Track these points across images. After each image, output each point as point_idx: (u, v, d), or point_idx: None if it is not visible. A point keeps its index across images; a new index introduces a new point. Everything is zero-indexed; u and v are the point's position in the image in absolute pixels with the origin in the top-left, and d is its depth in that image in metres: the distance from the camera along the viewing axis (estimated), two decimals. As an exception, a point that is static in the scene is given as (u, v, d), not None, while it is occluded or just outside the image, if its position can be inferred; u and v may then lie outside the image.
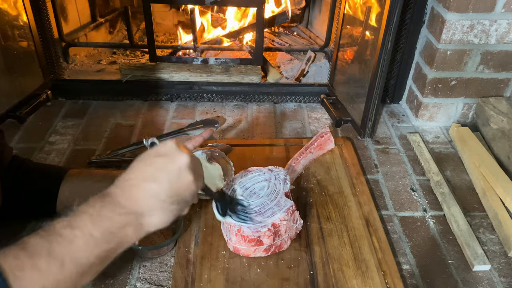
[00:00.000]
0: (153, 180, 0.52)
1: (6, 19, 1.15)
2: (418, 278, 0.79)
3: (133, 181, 0.52)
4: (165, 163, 0.53)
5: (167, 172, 0.52)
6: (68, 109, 1.28)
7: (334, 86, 1.35)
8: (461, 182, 1.04)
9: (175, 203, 0.54)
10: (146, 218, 0.52)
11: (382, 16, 1.00)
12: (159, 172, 0.52)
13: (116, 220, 0.49)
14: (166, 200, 0.52)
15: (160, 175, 0.52)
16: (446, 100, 1.22)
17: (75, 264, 0.45)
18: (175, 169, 0.53)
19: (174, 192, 0.53)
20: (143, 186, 0.51)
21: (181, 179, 0.53)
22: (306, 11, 1.83)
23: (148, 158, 0.54)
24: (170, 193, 0.53)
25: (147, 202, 0.51)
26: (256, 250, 0.77)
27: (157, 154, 0.54)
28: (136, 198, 0.51)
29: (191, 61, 1.38)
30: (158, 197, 0.52)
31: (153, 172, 0.52)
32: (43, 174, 0.84)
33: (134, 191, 0.51)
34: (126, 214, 0.50)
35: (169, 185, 0.52)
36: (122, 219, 0.50)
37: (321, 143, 1.05)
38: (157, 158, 0.53)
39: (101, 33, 1.70)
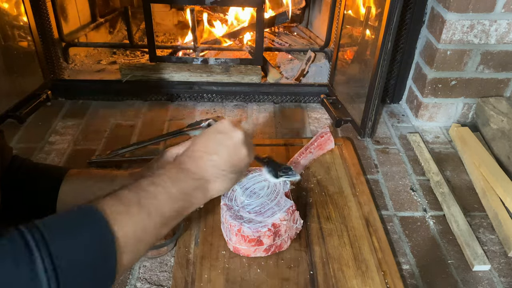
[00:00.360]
0: (215, 153, 0.60)
1: (6, 19, 1.15)
2: (418, 278, 0.79)
3: (199, 152, 0.61)
4: (224, 139, 0.61)
5: (226, 146, 0.61)
6: (68, 109, 1.28)
7: (334, 86, 1.35)
8: (461, 182, 1.04)
9: (233, 172, 0.62)
10: (211, 184, 0.61)
11: (382, 16, 1.00)
12: (219, 146, 0.61)
13: (189, 183, 0.58)
14: (226, 170, 0.61)
15: (221, 148, 0.61)
16: (446, 100, 1.22)
17: (159, 214, 0.53)
18: (232, 144, 0.61)
19: (232, 163, 0.61)
20: (207, 158, 0.60)
21: (237, 152, 0.62)
22: (306, 11, 1.83)
23: (209, 134, 0.63)
24: (229, 164, 0.61)
25: (211, 170, 0.60)
26: (256, 250, 0.77)
27: (217, 131, 0.63)
28: (203, 167, 0.60)
29: (191, 61, 1.38)
30: (219, 167, 0.60)
31: (215, 146, 0.61)
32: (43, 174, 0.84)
33: (201, 161, 0.60)
34: (196, 179, 0.59)
35: (228, 157, 0.61)
36: (194, 182, 0.59)
37: (321, 143, 1.05)
38: (217, 135, 0.62)
39: (101, 33, 1.70)
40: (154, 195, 0.54)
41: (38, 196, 0.81)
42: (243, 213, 0.78)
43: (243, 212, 0.78)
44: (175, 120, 1.24)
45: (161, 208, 0.54)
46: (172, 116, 1.26)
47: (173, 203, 0.55)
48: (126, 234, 0.48)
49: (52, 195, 0.81)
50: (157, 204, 0.53)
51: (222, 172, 0.61)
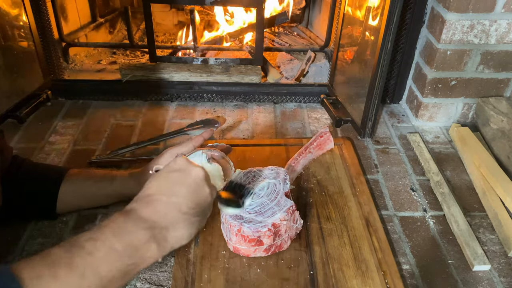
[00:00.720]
0: (173, 194, 0.53)
1: (6, 19, 1.15)
2: (418, 278, 0.79)
3: (154, 196, 0.53)
4: (181, 178, 0.54)
5: (185, 186, 0.54)
6: (68, 109, 1.28)
7: (334, 86, 1.35)
8: (461, 182, 1.04)
9: (196, 214, 0.54)
10: (171, 231, 0.52)
11: (382, 16, 1.00)
12: (177, 186, 0.53)
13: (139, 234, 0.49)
14: (188, 212, 0.53)
15: (179, 189, 0.53)
16: (446, 100, 1.22)
17: (95, 276, 0.44)
18: (192, 182, 0.55)
19: (194, 204, 0.54)
20: (164, 200, 0.52)
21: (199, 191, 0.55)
22: (306, 11, 1.83)
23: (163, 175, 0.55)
24: (191, 205, 0.53)
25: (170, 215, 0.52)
26: (256, 250, 0.77)
27: (171, 170, 0.55)
28: (160, 212, 0.51)
29: (191, 61, 1.38)
30: (180, 210, 0.52)
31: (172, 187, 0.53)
32: (43, 174, 0.84)
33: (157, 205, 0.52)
34: (149, 228, 0.50)
35: (189, 197, 0.54)
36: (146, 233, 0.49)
37: (320, 143, 1.05)
38: (173, 174, 0.55)
39: (101, 33, 1.70)
40: (91, 252, 0.45)
41: (38, 196, 0.81)
42: (243, 213, 0.78)
43: (243, 212, 0.78)
44: (175, 120, 1.24)
45: (99, 268, 0.45)
46: (172, 116, 1.26)
47: (115, 261, 0.46)
48: None
49: (52, 195, 0.81)
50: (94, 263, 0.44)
51: (183, 216, 0.52)
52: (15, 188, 0.79)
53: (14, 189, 0.79)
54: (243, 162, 1.02)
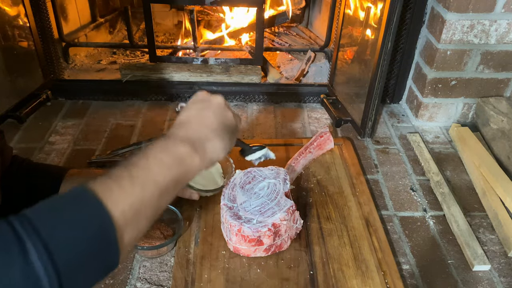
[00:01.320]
0: (202, 116, 0.60)
1: (6, 19, 1.15)
2: (418, 278, 0.79)
3: (186, 119, 0.61)
4: (206, 104, 0.62)
5: (210, 110, 0.61)
6: (68, 109, 1.28)
7: (334, 86, 1.35)
8: (461, 182, 1.04)
9: (226, 131, 0.61)
10: (207, 143, 0.58)
11: (382, 16, 1.00)
12: (204, 110, 0.61)
13: (180, 147, 0.56)
14: (217, 128, 0.60)
15: (206, 112, 0.61)
16: (446, 100, 1.22)
17: (154, 185, 0.51)
18: (216, 107, 0.62)
19: (222, 122, 0.61)
20: (196, 121, 0.60)
21: (223, 113, 0.62)
22: (306, 11, 1.83)
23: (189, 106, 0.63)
24: (219, 122, 0.61)
25: (203, 131, 0.59)
26: (256, 250, 0.77)
27: (196, 100, 0.63)
28: (193, 130, 0.59)
29: (191, 61, 1.38)
30: (211, 126, 0.60)
31: (199, 112, 0.61)
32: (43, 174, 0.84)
33: (190, 126, 0.60)
34: (189, 142, 0.57)
35: (215, 118, 0.61)
36: (186, 146, 0.56)
37: (320, 143, 1.05)
38: (198, 103, 0.62)
39: (101, 33, 1.70)
40: (146, 166, 0.52)
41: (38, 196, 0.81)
42: (243, 213, 0.78)
43: (243, 212, 0.78)
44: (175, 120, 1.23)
45: (156, 178, 0.52)
46: (172, 116, 1.26)
47: (167, 171, 0.53)
48: (122, 209, 0.46)
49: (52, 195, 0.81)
50: (150, 174, 0.51)
51: (214, 132, 0.60)
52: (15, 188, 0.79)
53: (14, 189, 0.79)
54: (243, 162, 1.02)
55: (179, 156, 0.55)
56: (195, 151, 0.57)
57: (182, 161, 0.55)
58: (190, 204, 0.90)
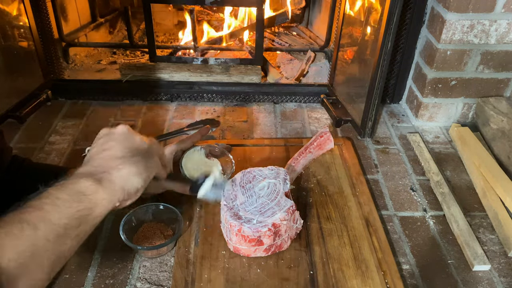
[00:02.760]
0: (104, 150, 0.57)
1: (6, 19, 1.15)
2: (418, 278, 0.79)
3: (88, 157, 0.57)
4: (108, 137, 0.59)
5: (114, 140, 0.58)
6: (68, 109, 1.28)
7: (334, 86, 1.35)
8: (461, 182, 1.04)
9: (135, 155, 0.57)
10: (113, 172, 0.54)
11: (382, 16, 1.00)
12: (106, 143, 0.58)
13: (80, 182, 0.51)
14: (125, 155, 0.56)
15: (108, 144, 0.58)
16: (446, 100, 1.22)
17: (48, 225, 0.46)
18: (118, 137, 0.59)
19: (127, 149, 0.57)
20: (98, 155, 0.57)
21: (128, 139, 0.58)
22: (306, 11, 1.83)
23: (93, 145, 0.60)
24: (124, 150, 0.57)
25: (106, 163, 0.55)
26: (256, 250, 0.77)
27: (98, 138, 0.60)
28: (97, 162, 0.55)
29: (191, 61, 1.38)
30: (114, 156, 0.56)
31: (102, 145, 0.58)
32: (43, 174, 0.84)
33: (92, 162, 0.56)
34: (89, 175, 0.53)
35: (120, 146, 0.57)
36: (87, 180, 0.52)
37: (320, 143, 1.05)
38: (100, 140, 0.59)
39: (101, 33, 1.70)
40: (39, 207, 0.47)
41: (38, 196, 0.81)
42: (243, 213, 0.78)
43: (243, 212, 0.78)
44: (175, 120, 1.24)
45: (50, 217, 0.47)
46: (172, 116, 1.26)
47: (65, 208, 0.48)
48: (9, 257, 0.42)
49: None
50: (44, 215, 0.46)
51: (121, 159, 0.56)
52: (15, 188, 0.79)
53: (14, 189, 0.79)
54: (243, 162, 1.02)
55: (78, 191, 0.50)
56: (97, 183, 0.52)
57: (81, 196, 0.50)
58: (190, 204, 0.90)
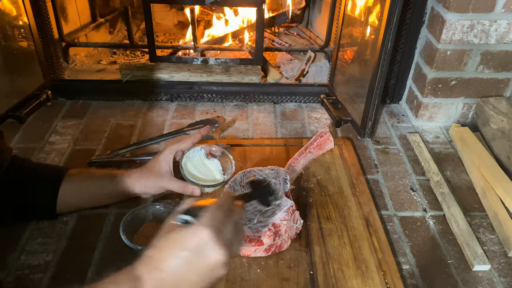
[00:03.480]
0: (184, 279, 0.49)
1: (6, 19, 1.15)
2: (418, 278, 0.79)
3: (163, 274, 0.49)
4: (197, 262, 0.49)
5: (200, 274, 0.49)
6: (68, 109, 1.28)
7: (334, 86, 1.35)
8: (461, 182, 1.04)
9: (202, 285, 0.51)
10: None
11: (382, 16, 1.00)
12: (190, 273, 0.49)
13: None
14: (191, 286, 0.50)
15: (192, 276, 0.49)
16: (446, 100, 1.22)
17: None
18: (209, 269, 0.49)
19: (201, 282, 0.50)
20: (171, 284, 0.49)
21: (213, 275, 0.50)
22: (306, 11, 1.83)
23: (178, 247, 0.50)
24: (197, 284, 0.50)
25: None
26: (256, 250, 0.77)
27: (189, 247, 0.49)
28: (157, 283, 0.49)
29: (191, 61, 1.38)
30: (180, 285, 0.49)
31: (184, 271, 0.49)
32: (43, 174, 0.84)
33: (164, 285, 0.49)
34: None
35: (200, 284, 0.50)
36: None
37: (320, 143, 1.05)
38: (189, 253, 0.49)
39: (101, 33, 1.70)
40: None
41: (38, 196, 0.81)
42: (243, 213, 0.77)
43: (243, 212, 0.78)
44: (175, 120, 1.24)
45: None
46: (172, 116, 1.26)
47: None
48: None
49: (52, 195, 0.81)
50: None
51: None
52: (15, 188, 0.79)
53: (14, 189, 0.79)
54: (243, 162, 1.02)
55: None
56: None
57: None
58: (190, 204, 0.90)
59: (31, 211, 0.83)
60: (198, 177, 0.88)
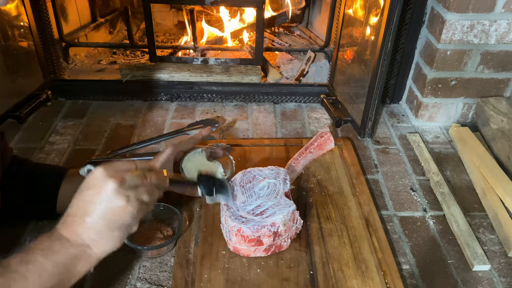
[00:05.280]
0: (86, 215, 0.55)
1: (6, 19, 1.15)
2: (418, 278, 0.79)
3: (72, 217, 0.56)
4: (93, 195, 0.55)
5: (97, 203, 0.55)
6: (68, 109, 1.28)
7: (334, 86, 1.35)
8: (461, 182, 1.04)
9: (114, 229, 0.57)
10: (93, 248, 0.56)
11: (382, 16, 1.00)
12: (90, 205, 0.55)
13: (65, 253, 0.54)
14: (103, 230, 0.56)
15: (91, 208, 0.55)
16: (446, 100, 1.22)
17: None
18: (104, 198, 0.55)
19: (109, 220, 0.56)
20: (79, 221, 0.55)
21: (112, 206, 0.55)
22: (306, 11, 1.83)
23: (81, 193, 0.57)
24: (105, 222, 0.56)
25: (88, 234, 0.55)
26: (256, 250, 0.77)
27: (87, 186, 0.57)
28: (78, 233, 0.55)
29: (191, 61, 1.38)
30: (95, 229, 0.55)
31: (85, 207, 0.55)
32: (43, 174, 0.84)
33: (75, 226, 0.56)
34: (73, 247, 0.55)
35: (101, 215, 0.55)
36: (71, 251, 0.54)
37: (321, 143, 1.05)
38: (87, 191, 0.56)
39: (101, 33, 1.70)
40: (25, 276, 0.50)
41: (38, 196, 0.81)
42: (243, 213, 0.78)
43: (243, 212, 0.78)
44: (175, 120, 1.24)
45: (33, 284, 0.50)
46: (172, 116, 1.26)
47: (47, 280, 0.51)
48: None
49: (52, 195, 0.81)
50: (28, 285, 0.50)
51: (100, 234, 0.56)
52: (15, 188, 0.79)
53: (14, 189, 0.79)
54: (243, 162, 1.02)
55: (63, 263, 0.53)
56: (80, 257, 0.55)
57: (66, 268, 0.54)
58: (190, 204, 0.90)
59: (31, 211, 0.83)
60: None
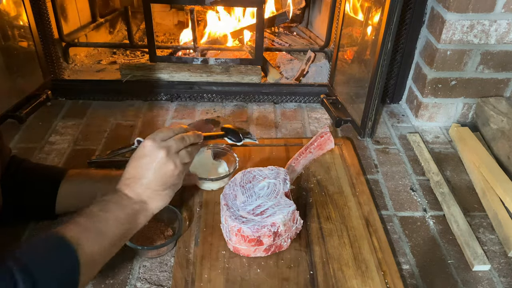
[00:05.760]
0: (144, 177, 0.68)
1: (6, 19, 1.15)
2: (418, 278, 0.79)
3: (130, 180, 0.69)
4: (148, 163, 0.68)
5: (151, 169, 0.68)
6: (68, 109, 1.28)
7: (334, 86, 1.35)
8: (461, 182, 1.04)
9: (166, 188, 0.70)
10: (149, 204, 0.69)
11: (382, 16, 1.00)
12: (146, 171, 0.68)
13: (131, 207, 0.67)
14: (158, 189, 0.69)
15: (146, 172, 0.68)
16: (446, 100, 1.22)
17: (110, 237, 0.63)
18: (156, 164, 0.67)
19: (161, 182, 0.68)
20: (137, 183, 0.68)
21: (163, 170, 0.68)
22: (306, 11, 1.83)
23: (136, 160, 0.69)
24: (159, 183, 0.68)
25: (145, 193, 0.68)
26: (256, 250, 0.77)
27: (141, 155, 0.68)
28: (138, 192, 0.68)
29: (191, 61, 1.38)
30: (151, 188, 0.68)
31: (141, 171, 0.68)
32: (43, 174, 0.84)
33: (135, 187, 0.68)
34: (136, 203, 0.68)
35: (155, 177, 0.68)
36: (135, 206, 0.67)
37: (321, 143, 1.05)
38: (142, 160, 0.68)
39: (101, 33, 1.70)
40: (105, 221, 0.63)
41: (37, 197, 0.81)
42: (243, 213, 0.78)
43: (243, 212, 0.78)
44: (175, 120, 1.24)
45: (112, 231, 0.63)
46: (172, 116, 1.26)
47: (120, 225, 0.65)
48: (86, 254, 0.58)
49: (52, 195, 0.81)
50: (108, 228, 0.63)
51: (155, 192, 0.69)
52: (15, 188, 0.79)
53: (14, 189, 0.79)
54: (243, 162, 1.02)
55: (131, 214, 0.66)
56: (141, 211, 0.68)
57: (132, 218, 0.67)
58: (190, 204, 0.90)
59: (31, 211, 0.83)
60: (202, 175, 0.91)
